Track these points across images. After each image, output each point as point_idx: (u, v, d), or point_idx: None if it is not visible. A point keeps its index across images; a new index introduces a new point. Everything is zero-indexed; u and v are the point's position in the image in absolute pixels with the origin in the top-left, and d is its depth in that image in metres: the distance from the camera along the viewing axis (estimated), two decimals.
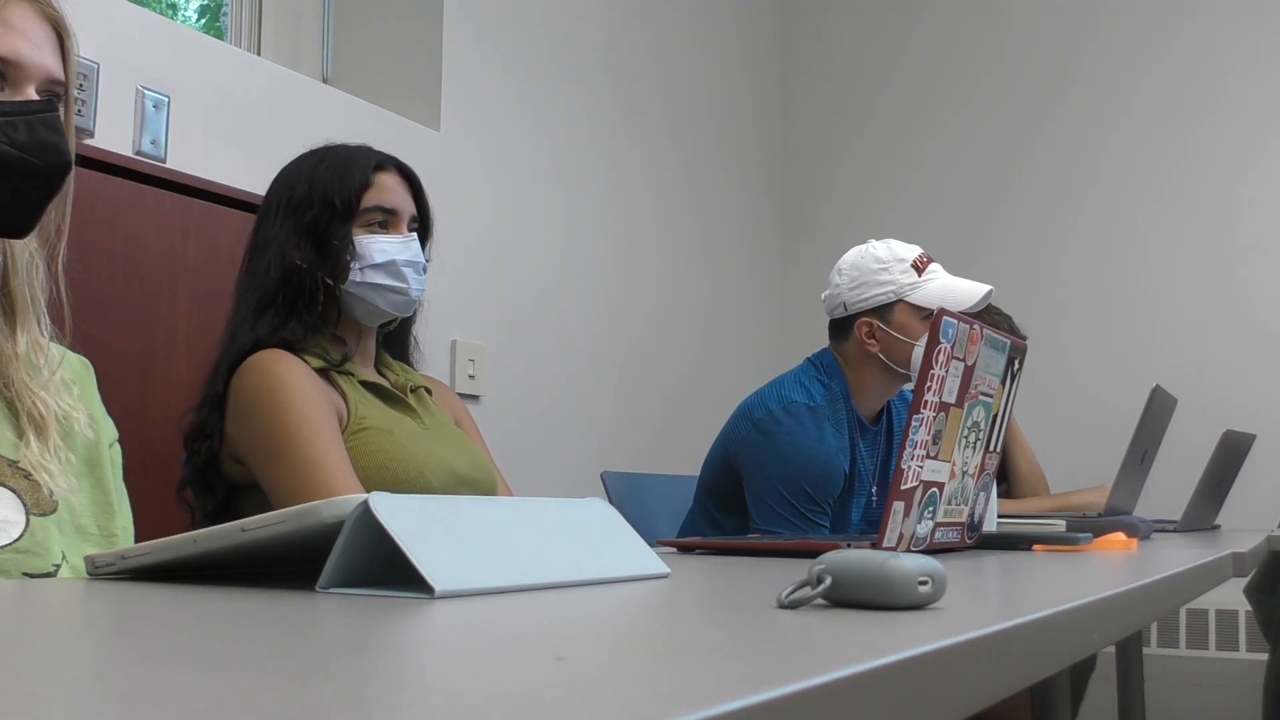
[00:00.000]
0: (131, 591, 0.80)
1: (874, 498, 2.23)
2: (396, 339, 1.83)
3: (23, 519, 1.08)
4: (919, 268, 2.20)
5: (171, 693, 0.41)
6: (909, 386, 2.33)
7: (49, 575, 1.08)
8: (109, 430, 1.26)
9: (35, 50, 1.12)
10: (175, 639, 0.58)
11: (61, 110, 1.15)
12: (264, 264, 1.68)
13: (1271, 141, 3.82)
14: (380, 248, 1.68)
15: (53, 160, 1.10)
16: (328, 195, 1.68)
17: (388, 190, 1.72)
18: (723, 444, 2.26)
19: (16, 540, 1.07)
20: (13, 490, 1.09)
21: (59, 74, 1.15)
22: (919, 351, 2.14)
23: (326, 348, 1.67)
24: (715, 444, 2.30)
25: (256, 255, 1.70)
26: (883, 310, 2.19)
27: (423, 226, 1.78)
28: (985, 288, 2.19)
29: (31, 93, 1.11)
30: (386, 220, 1.71)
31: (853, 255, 2.26)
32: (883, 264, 2.20)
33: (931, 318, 2.17)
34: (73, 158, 1.14)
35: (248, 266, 1.72)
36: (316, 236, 1.68)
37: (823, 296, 2.32)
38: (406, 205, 1.73)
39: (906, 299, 2.17)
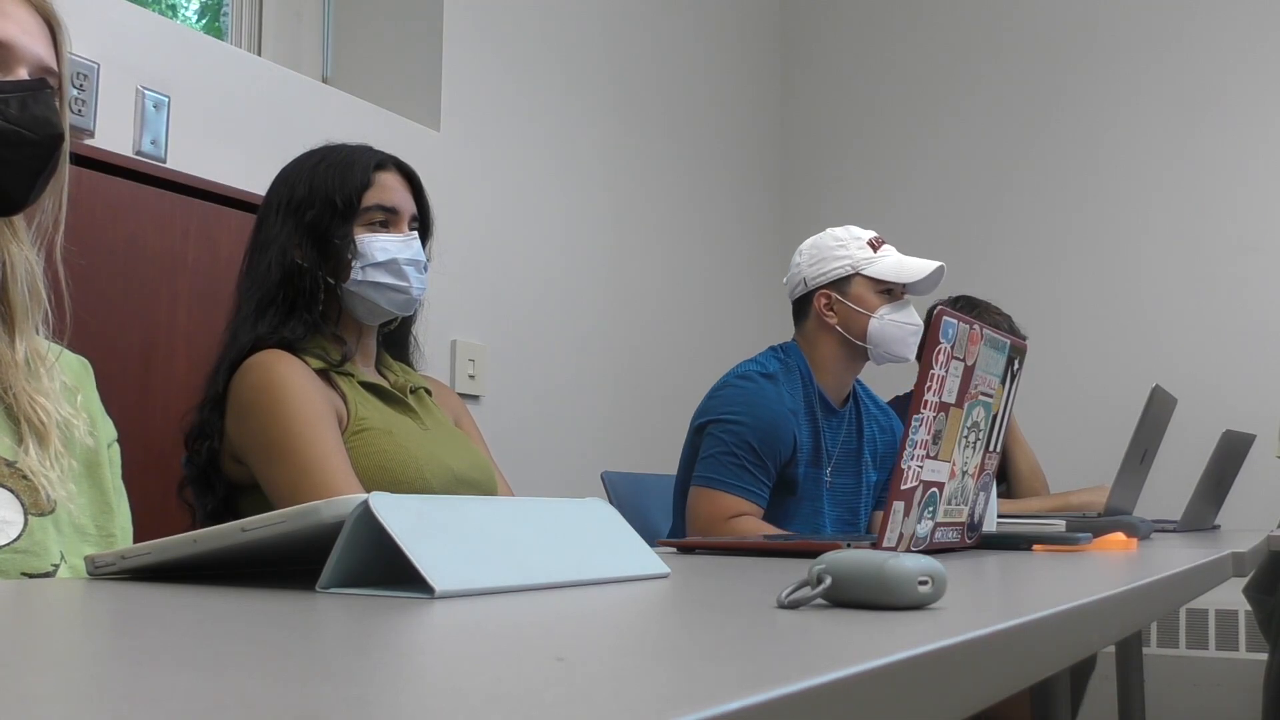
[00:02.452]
0: (131, 591, 0.80)
1: (828, 481, 2.25)
2: (397, 339, 1.83)
3: (21, 519, 1.08)
4: (874, 246, 2.30)
5: (171, 693, 0.41)
6: (886, 396, 2.38)
7: (47, 575, 1.08)
8: (108, 430, 1.26)
9: (26, 36, 1.13)
10: (175, 639, 0.58)
11: (55, 99, 1.16)
12: (265, 263, 1.68)
13: (1271, 141, 3.82)
14: (381, 246, 1.68)
15: (45, 132, 1.12)
16: (328, 195, 1.68)
17: (388, 189, 1.72)
18: (690, 434, 2.31)
19: (15, 540, 1.07)
20: (11, 490, 1.09)
21: (51, 63, 1.16)
22: (875, 324, 2.24)
23: (326, 348, 1.67)
24: (686, 443, 2.34)
25: (257, 255, 1.71)
26: (840, 283, 2.28)
27: (423, 225, 1.78)
28: (936, 263, 2.26)
29: (23, 74, 1.12)
30: (387, 219, 1.71)
31: (812, 238, 2.37)
32: (840, 241, 2.31)
33: (887, 291, 2.24)
34: (66, 133, 1.15)
35: (249, 266, 1.72)
36: (318, 236, 1.68)
37: (784, 280, 2.40)
38: (407, 204, 1.74)
39: (863, 272, 2.27)
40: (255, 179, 2.31)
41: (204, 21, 2.89)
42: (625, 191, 3.60)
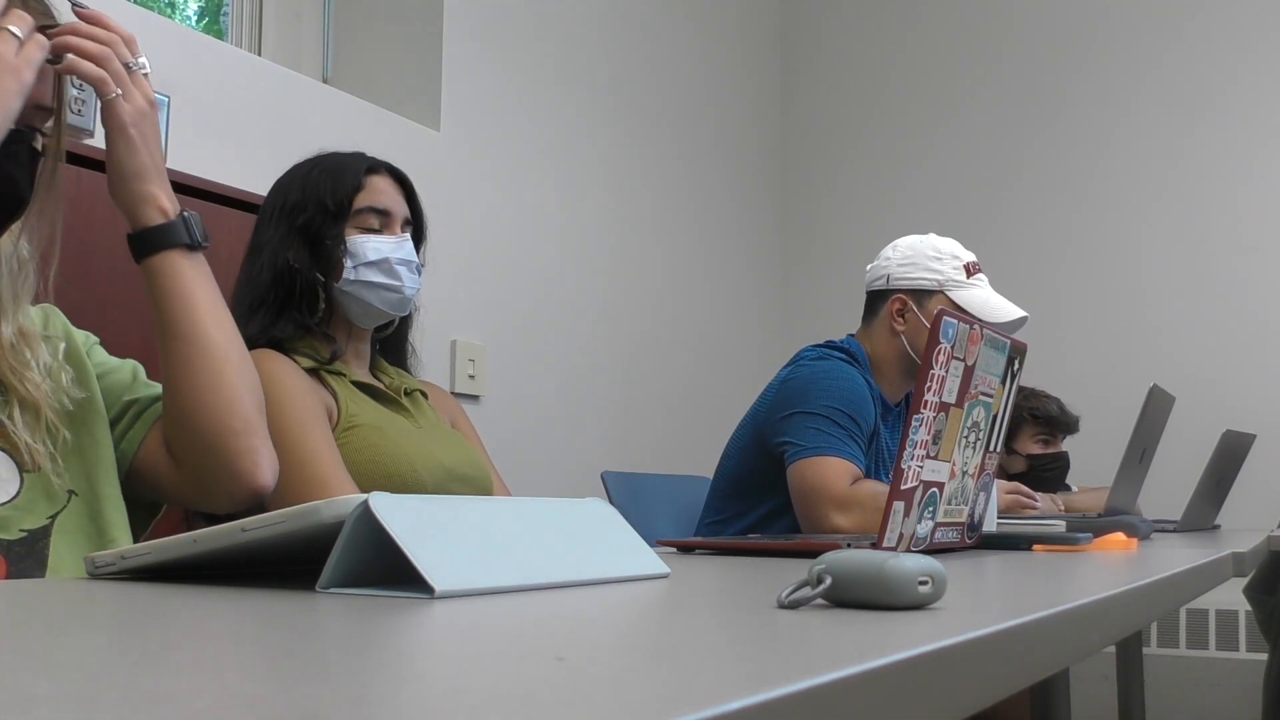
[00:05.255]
0: (131, 591, 0.80)
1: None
2: (394, 345, 1.84)
3: (16, 477, 1.10)
4: (969, 271, 2.24)
5: (171, 693, 0.41)
6: None
7: (44, 529, 1.10)
8: (87, 341, 1.27)
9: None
10: (175, 639, 0.58)
11: (44, 140, 1.13)
12: (257, 266, 1.70)
13: (1271, 141, 3.82)
14: (374, 246, 1.70)
15: (6, 192, 1.10)
16: (320, 198, 1.70)
17: (380, 192, 1.73)
18: (751, 426, 2.24)
19: (14, 498, 1.09)
20: (3, 450, 1.10)
21: (44, 100, 1.13)
22: None
23: (317, 347, 1.69)
24: (739, 433, 2.28)
25: (251, 259, 1.73)
26: (920, 295, 2.23)
27: (416, 229, 1.79)
28: (1021, 313, 2.21)
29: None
30: (380, 222, 1.72)
31: (912, 238, 2.31)
32: (939, 254, 2.25)
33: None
34: (31, 198, 1.12)
35: (243, 271, 1.74)
36: (310, 238, 1.69)
37: (868, 267, 2.34)
38: (399, 207, 1.75)
39: (948, 293, 2.21)
40: (255, 179, 2.31)
41: (204, 22, 2.89)
42: (625, 192, 3.60)
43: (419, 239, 1.80)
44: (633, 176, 3.64)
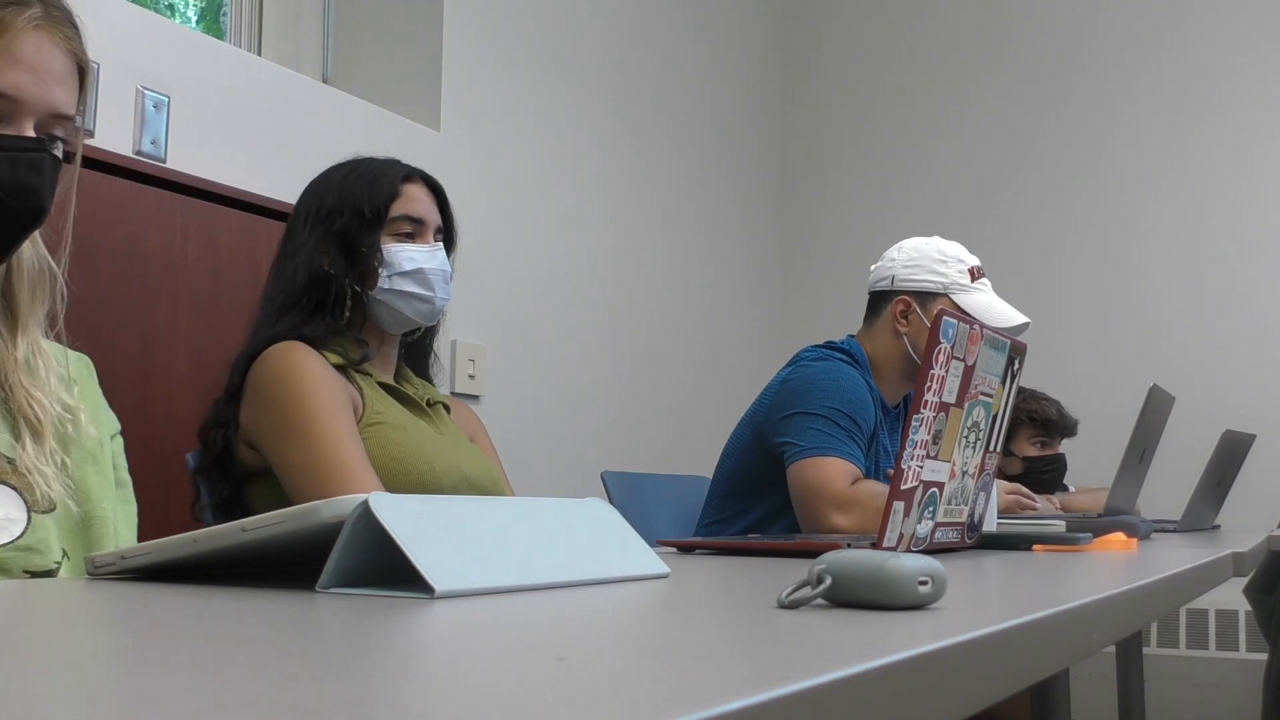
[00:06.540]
0: (131, 591, 0.80)
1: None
2: (418, 351, 1.86)
3: (24, 516, 1.08)
4: (973, 275, 2.25)
5: (171, 693, 0.41)
6: None
7: (50, 572, 1.08)
8: (111, 424, 1.26)
9: (39, 85, 1.09)
10: (175, 639, 0.58)
11: (59, 148, 1.13)
12: (291, 269, 1.71)
13: (1271, 141, 3.82)
14: (408, 256, 1.71)
15: (27, 203, 1.08)
16: (357, 204, 1.71)
17: (415, 201, 1.75)
18: (750, 427, 2.24)
19: (19, 538, 1.07)
20: (13, 488, 1.09)
21: (65, 108, 1.11)
22: None
23: (347, 348, 1.70)
24: (738, 433, 2.29)
25: (285, 261, 1.74)
26: (924, 297, 2.23)
27: (448, 237, 1.81)
28: (1023, 318, 2.21)
29: (28, 129, 1.08)
30: (414, 230, 1.74)
31: (917, 240, 2.32)
32: (944, 257, 2.26)
33: None
34: (50, 206, 1.11)
35: (276, 272, 1.75)
36: (345, 244, 1.71)
37: (871, 268, 2.35)
38: (433, 216, 1.77)
39: (952, 296, 2.22)
40: (255, 179, 2.31)
41: (204, 22, 2.89)
42: (625, 191, 3.60)
43: (449, 246, 1.82)
44: (633, 177, 3.64)
